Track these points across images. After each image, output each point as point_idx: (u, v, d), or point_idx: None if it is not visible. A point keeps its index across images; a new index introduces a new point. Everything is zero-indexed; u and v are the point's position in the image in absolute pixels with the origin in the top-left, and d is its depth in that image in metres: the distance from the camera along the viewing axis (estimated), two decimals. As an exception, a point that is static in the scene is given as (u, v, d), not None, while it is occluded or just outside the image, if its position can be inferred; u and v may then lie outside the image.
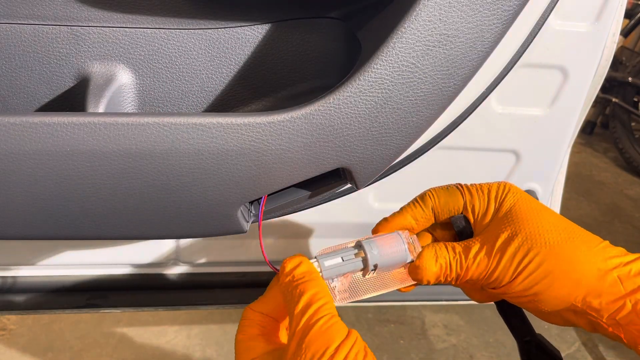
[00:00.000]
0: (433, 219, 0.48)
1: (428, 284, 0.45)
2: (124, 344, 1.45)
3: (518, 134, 0.69)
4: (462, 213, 0.47)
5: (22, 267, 0.75)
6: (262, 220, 0.50)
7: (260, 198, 0.47)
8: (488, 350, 1.52)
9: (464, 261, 0.43)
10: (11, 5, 0.50)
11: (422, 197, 0.48)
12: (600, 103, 3.03)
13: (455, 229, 0.48)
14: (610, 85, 2.84)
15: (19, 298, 0.76)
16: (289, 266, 0.42)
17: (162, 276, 0.79)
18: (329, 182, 0.50)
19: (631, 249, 0.42)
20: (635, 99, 2.84)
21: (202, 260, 0.78)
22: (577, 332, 1.60)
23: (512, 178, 0.73)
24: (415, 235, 0.47)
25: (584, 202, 2.41)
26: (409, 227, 0.47)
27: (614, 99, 2.83)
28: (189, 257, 0.76)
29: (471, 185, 0.48)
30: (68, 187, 0.43)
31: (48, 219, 0.44)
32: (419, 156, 0.67)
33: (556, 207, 0.80)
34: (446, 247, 0.45)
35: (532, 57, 0.63)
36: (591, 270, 0.41)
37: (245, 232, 0.49)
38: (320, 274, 0.42)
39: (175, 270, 0.79)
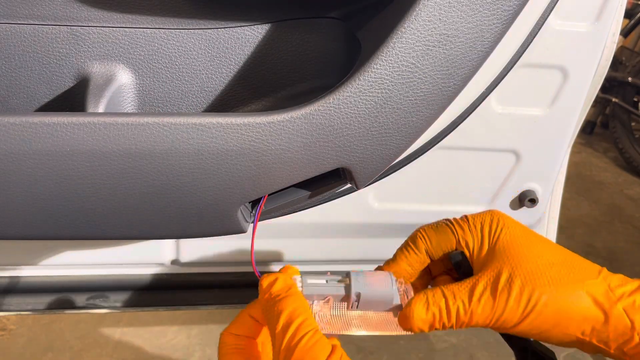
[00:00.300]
0: (428, 260, 0.47)
1: (422, 332, 0.43)
2: (124, 344, 1.45)
3: (518, 134, 0.69)
4: (456, 249, 0.46)
5: (22, 267, 0.75)
6: (262, 220, 0.50)
7: (260, 198, 0.47)
8: (488, 350, 1.52)
9: (467, 306, 0.41)
10: (11, 5, 0.50)
11: (414, 240, 0.47)
12: (600, 103, 3.03)
13: (453, 263, 0.46)
14: (610, 85, 2.84)
15: (19, 298, 0.76)
16: (265, 283, 0.41)
17: (162, 276, 0.79)
18: (329, 182, 0.50)
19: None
20: (635, 99, 2.84)
21: (202, 260, 0.78)
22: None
23: (512, 178, 0.73)
24: (409, 284, 0.45)
25: (584, 202, 2.41)
26: (405, 274, 0.46)
27: (614, 99, 2.83)
28: (189, 257, 0.76)
29: (461, 219, 0.47)
30: (68, 187, 0.43)
31: (48, 219, 0.44)
32: (419, 156, 0.67)
33: (556, 207, 0.80)
34: (443, 293, 0.42)
35: (532, 57, 0.63)
36: (596, 304, 0.41)
37: (246, 232, 0.49)
38: (300, 289, 0.41)
39: (175, 270, 0.79)
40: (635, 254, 1.97)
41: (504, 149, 0.70)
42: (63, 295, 0.76)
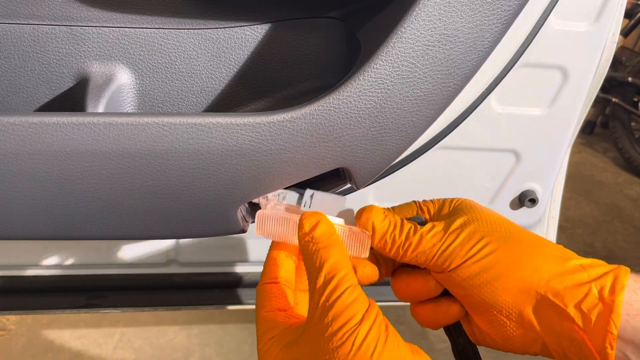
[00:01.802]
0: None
1: (370, 240, 0.43)
2: (124, 344, 1.45)
3: (518, 134, 0.69)
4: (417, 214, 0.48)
5: (22, 267, 0.75)
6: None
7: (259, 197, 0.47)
8: (488, 350, 1.52)
9: (418, 229, 0.43)
10: (11, 5, 0.50)
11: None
12: (600, 103, 3.03)
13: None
14: (610, 85, 2.84)
15: (19, 298, 0.76)
16: (307, 225, 0.41)
17: (162, 276, 0.79)
18: (329, 182, 0.50)
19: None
20: (635, 99, 2.84)
21: (203, 260, 0.78)
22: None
23: (512, 178, 0.73)
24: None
25: (584, 202, 2.41)
26: None
27: (613, 99, 2.83)
28: (188, 257, 0.76)
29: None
30: (68, 187, 0.43)
31: (48, 219, 0.44)
32: (419, 156, 0.67)
33: (556, 207, 0.80)
34: (401, 218, 0.44)
35: (532, 57, 0.63)
36: (551, 256, 0.40)
37: (245, 232, 0.49)
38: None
39: (175, 270, 0.79)
40: (635, 254, 1.97)
41: (504, 149, 0.70)
42: (63, 295, 0.76)
